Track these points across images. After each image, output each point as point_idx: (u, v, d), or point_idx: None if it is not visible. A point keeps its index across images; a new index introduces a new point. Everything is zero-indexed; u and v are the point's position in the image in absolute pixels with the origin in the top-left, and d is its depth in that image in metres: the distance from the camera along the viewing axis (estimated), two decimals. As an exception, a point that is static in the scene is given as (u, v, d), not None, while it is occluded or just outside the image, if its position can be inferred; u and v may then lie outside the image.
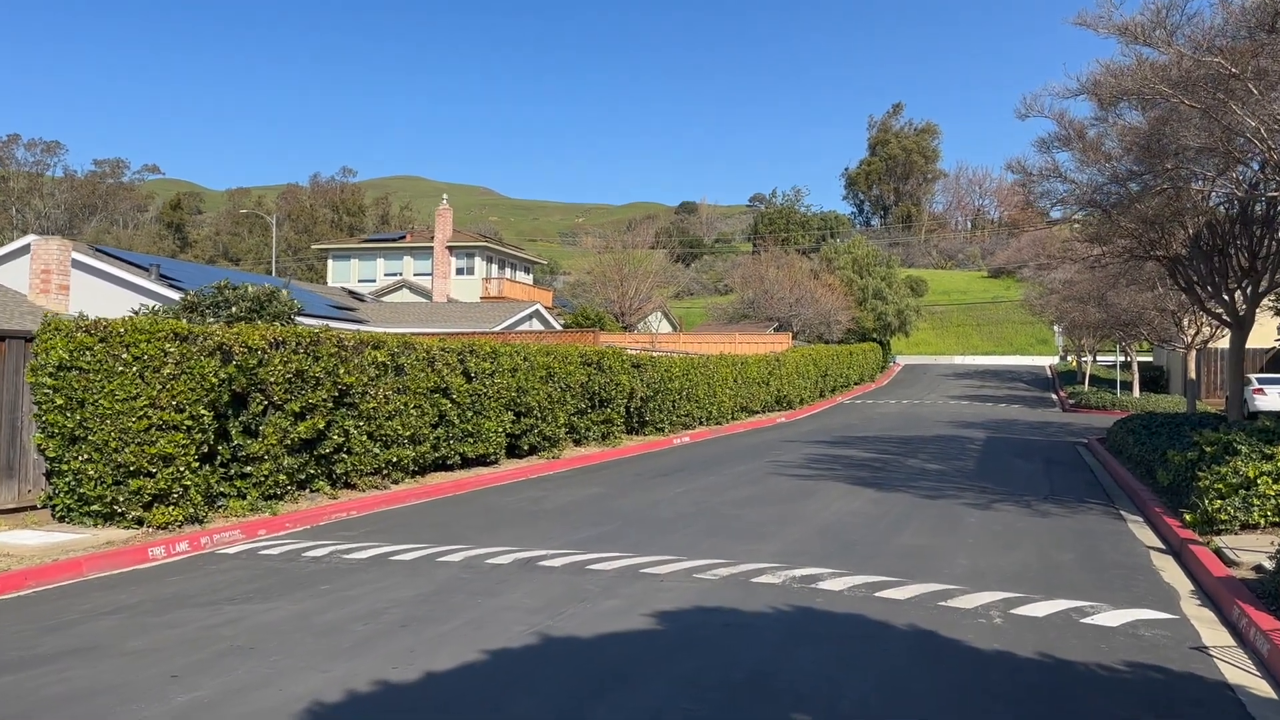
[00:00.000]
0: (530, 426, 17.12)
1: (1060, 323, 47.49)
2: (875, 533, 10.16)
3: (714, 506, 11.97)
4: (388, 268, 54.71)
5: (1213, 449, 11.30)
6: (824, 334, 55.40)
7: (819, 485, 14.23)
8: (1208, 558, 8.75)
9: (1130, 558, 9.21)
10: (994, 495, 13.44)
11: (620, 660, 5.63)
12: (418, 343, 14.22)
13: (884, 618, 6.69)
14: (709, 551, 8.93)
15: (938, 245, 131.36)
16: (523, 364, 16.82)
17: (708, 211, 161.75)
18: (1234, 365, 15.20)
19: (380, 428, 13.07)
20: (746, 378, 30.75)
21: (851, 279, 61.61)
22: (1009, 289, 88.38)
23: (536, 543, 9.40)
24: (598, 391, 19.76)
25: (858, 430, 26.82)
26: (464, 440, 15.18)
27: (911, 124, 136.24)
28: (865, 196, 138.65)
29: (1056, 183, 15.54)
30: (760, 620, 6.55)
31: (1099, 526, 11.01)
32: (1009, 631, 6.43)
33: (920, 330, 78.71)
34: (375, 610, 6.80)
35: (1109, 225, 15.04)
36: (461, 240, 53.56)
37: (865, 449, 20.68)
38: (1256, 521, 9.64)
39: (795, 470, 16.31)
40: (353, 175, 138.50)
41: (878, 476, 15.46)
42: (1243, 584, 7.69)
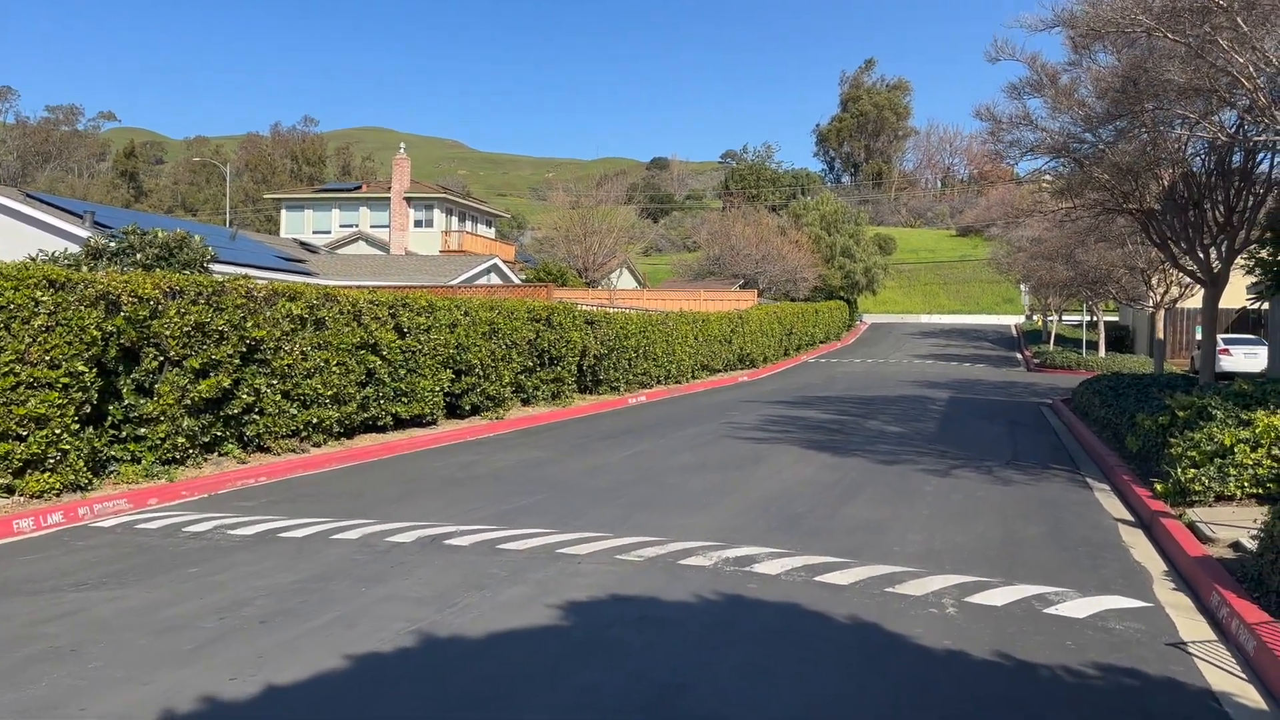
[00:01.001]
0: (472, 386, 16.16)
1: (1027, 282, 47.02)
2: (824, 503, 9.37)
3: (656, 473, 11.13)
4: (343, 219, 53.07)
5: (1185, 413, 10.59)
6: (790, 292, 54.63)
7: (772, 449, 13.44)
8: (1181, 533, 8.04)
9: (1098, 532, 8.48)
10: (954, 460, 12.72)
11: (505, 670, 4.77)
12: (341, 294, 13.16)
13: (823, 608, 5.88)
14: (640, 527, 8.08)
15: (907, 204, 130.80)
16: (463, 319, 15.81)
17: (679, 168, 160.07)
18: (1207, 324, 14.53)
19: (297, 386, 12.06)
20: (708, 335, 29.90)
21: (819, 236, 60.76)
22: (976, 248, 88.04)
23: (452, 516, 8.50)
24: (547, 349, 18.80)
25: (819, 390, 26.11)
26: (396, 400, 14.20)
27: (884, 80, 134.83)
28: (836, 154, 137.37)
29: (1026, 131, 14.67)
30: (682, 613, 5.71)
31: (1064, 496, 10.30)
32: (963, 625, 5.64)
33: (888, 289, 78.29)
34: (239, 601, 5.88)
35: (1081, 176, 14.23)
36: (420, 191, 51.98)
37: (825, 410, 19.95)
38: (1232, 493, 8.94)
39: (749, 433, 15.52)
40: (315, 125, 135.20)
41: (834, 440, 14.70)
42: (1220, 565, 6.96)
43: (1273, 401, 9.81)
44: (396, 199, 50.35)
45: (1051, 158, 14.75)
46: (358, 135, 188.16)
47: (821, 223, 62.17)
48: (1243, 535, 7.80)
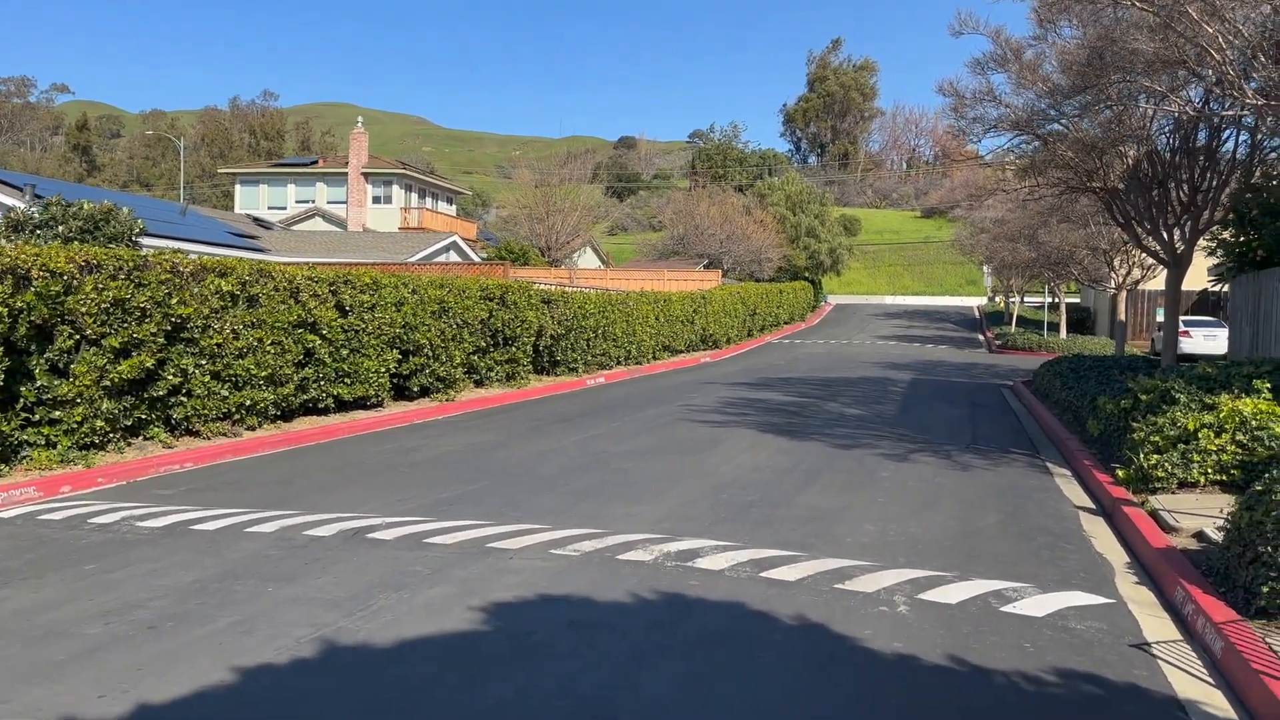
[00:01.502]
0: (421, 366, 15.60)
1: (990, 263, 47.07)
2: (778, 490, 8.98)
3: (606, 458, 10.69)
4: (299, 194, 51.88)
5: (1148, 397, 10.32)
6: (755, 272, 54.35)
7: (728, 433, 13.05)
8: (1144, 522, 7.74)
9: (1058, 521, 8.17)
10: (913, 444, 12.41)
11: (409, 684, 4.31)
12: (278, 270, 12.54)
13: (768, 607, 5.48)
14: (582, 517, 7.64)
15: (873, 185, 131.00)
16: (410, 297, 15.23)
17: (646, 147, 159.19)
18: (1170, 306, 14.32)
19: (228, 367, 11.46)
20: (670, 316, 29.47)
21: (785, 216, 60.50)
22: (940, 229, 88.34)
23: (383, 506, 8.01)
24: (501, 329, 18.26)
25: (781, 371, 25.81)
26: (338, 381, 13.63)
27: (850, 60, 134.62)
28: (803, 134, 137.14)
29: (990, 107, 14.32)
30: (615, 616, 5.28)
31: (1024, 482, 10.00)
32: (915, 625, 5.27)
33: (852, 270, 78.35)
34: (131, 603, 5.37)
35: (1044, 154, 13.93)
36: (379, 167, 50.91)
37: (785, 392, 19.62)
38: (1195, 479, 8.67)
39: (706, 416, 15.13)
40: (274, 99, 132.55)
41: (792, 423, 14.34)
42: (1184, 556, 6.66)
43: (1236, 385, 9.56)
44: (354, 174, 49.29)
45: (1015, 134, 14.42)
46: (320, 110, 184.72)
47: (787, 203, 61.91)
48: (1207, 525, 7.52)
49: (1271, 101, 8.37)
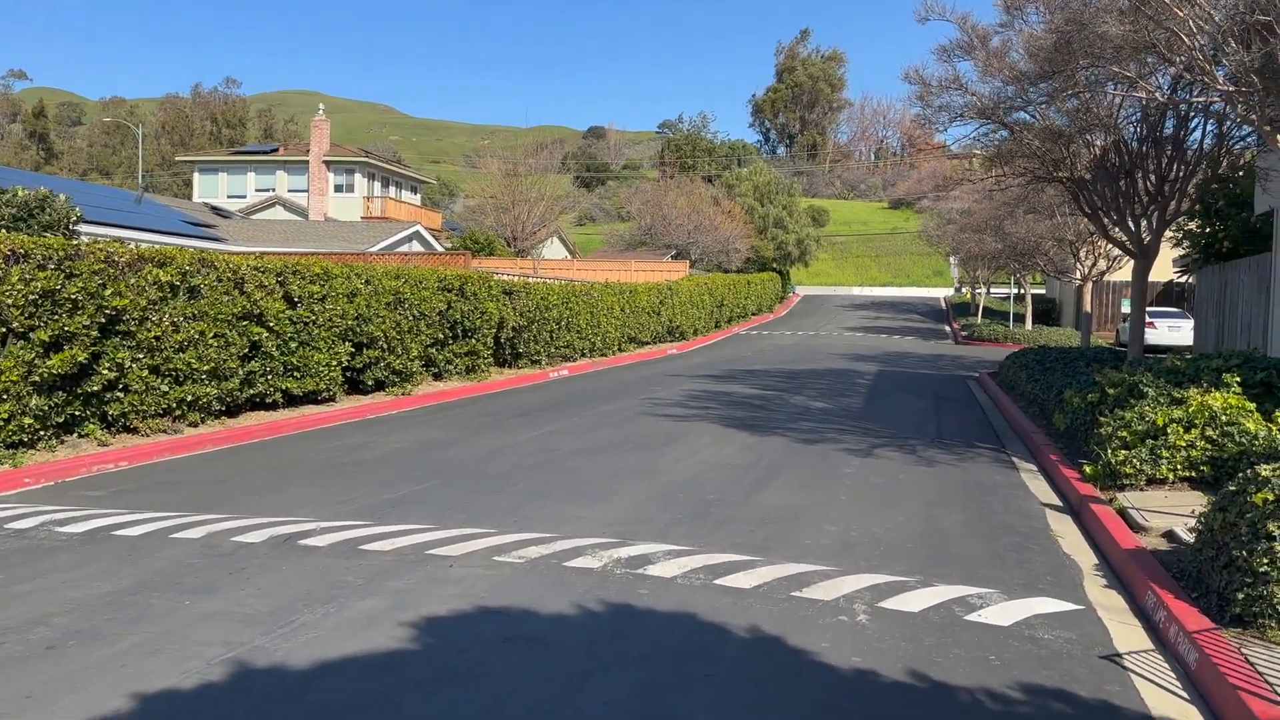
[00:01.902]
0: (375, 359, 15.14)
1: (956, 254, 47.16)
2: (738, 489, 8.68)
3: (562, 455, 10.34)
4: (259, 183, 50.92)
5: (1115, 391, 10.14)
6: (723, 263, 54.14)
7: (690, 428, 12.74)
8: (1112, 521, 7.52)
9: (1024, 519, 7.94)
10: (878, 438, 12.17)
11: (324, 710, 3.94)
12: (221, 260, 12.04)
13: (721, 618, 5.16)
14: (531, 520, 7.28)
15: (841, 176, 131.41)
16: (364, 288, 14.76)
17: (616, 137, 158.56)
18: (1137, 297, 14.19)
19: (168, 361, 10.96)
20: (635, 307, 29.14)
21: (752, 206, 60.32)
22: (908, 220, 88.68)
23: (322, 508, 7.60)
24: (460, 320, 17.82)
25: (748, 363, 25.57)
26: (287, 375, 13.15)
27: (819, 51, 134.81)
28: (771, 125, 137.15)
29: (956, 94, 14.08)
30: (557, 630, 4.94)
31: (989, 478, 9.78)
32: (875, 636, 4.98)
33: (820, 261, 78.42)
34: (35, 618, 4.95)
35: (1011, 143, 13.73)
36: (341, 155, 50.05)
37: (751, 385, 19.35)
38: (1164, 476, 8.48)
39: (669, 409, 14.81)
40: (237, 87, 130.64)
41: (756, 417, 14.07)
42: (1155, 558, 6.44)
43: (1206, 379, 9.39)
44: (315, 162, 48.40)
45: (981, 123, 14.20)
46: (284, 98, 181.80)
47: (755, 193, 61.72)
48: (1178, 524, 7.31)
49: (1241, 88, 8.16)
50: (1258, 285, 15.48)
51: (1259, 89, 8.19)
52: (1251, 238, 16.64)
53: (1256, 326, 15.54)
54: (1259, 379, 9.20)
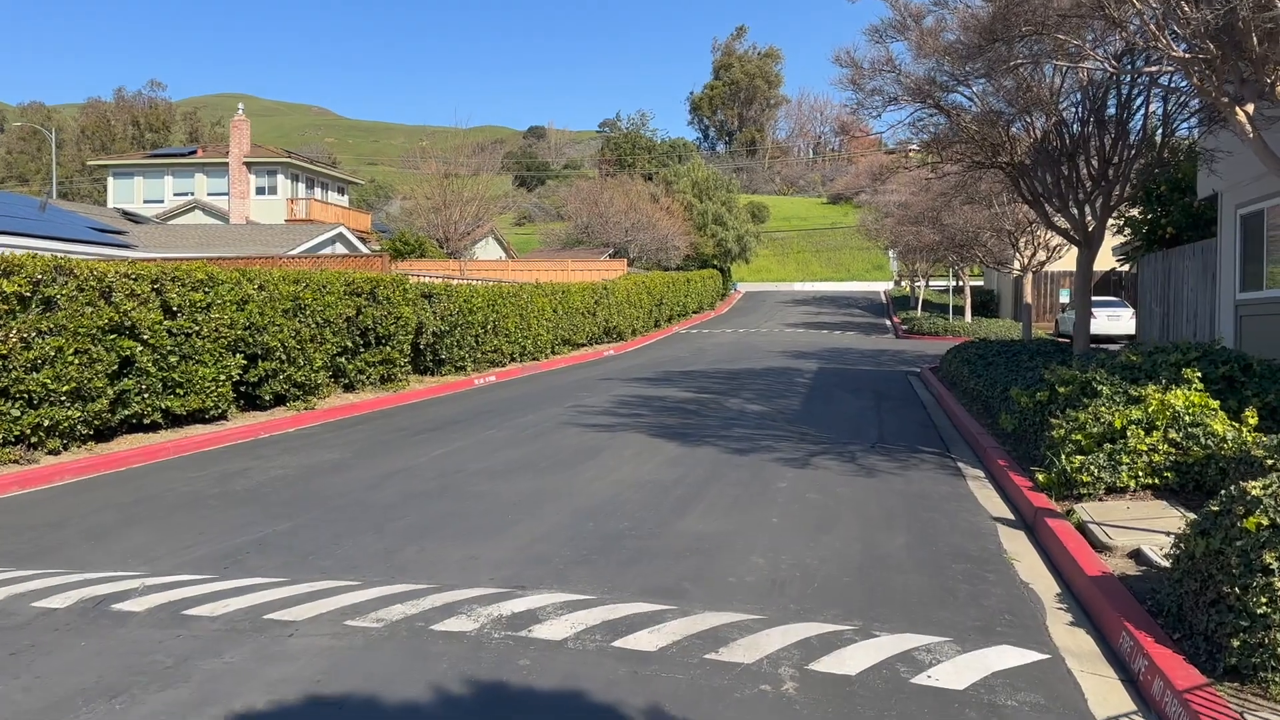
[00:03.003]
0: (273, 372, 13.87)
1: (895, 247, 46.86)
2: (658, 513, 7.69)
3: (464, 478, 9.25)
4: (178, 186, 48.79)
5: (1066, 389, 9.36)
6: (662, 260, 53.28)
7: (614, 439, 11.74)
8: (1071, 539, 6.69)
9: (975, 539, 7.07)
10: (815, 445, 11.30)
11: None
12: (83, 267, 10.72)
13: (615, 696, 4.16)
14: (407, 565, 6.21)
15: (780, 172, 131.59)
16: (257, 294, 13.50)
17: (556, 137, 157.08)
18: (1081, 287, 13.51)
19: (19, 382, 9.66)
20: (569, 308, 28.05)
21: (691, 203, 59.56)
22: (847, 215, 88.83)
23: (161, 557, 6.44)
24: (371, 327, 16.59)
25: (685, 364, 24.66)
26: (168, 393, 11.87)
27: (755, 48, 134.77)
28: (710, 122, 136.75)
29: (889, 77, 13.28)
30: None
31: (935, 488, 8.93)
32: (805, 712, 4.02)
33: (761, 257, 78.05)
34: None
35: (948, 127, 12.98)
36: (262, 156, 48.16)
37: (686, 387, 18.42)
38: (1125, 484, 7.68)
39: (595, 418, 13.79)
40: (162, 89, 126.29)
41: (687, 424, 13.12)
42: (1124, 587, 5.59)
43: (1164, 374, 8.63)
44: (235, 164, 46.47)
45: (916, 106, 13.41)
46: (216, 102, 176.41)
47: (694, 189, 60.97)
48: (1144, 542, 6.50)
49: (1199, 55, 7.38)
50: (1203, 272, 14.97)
51: (1215, 55, 7.42)
52: (1194, 223, 16.17)
53: (1203, 315, 15.02)
54: (1221, 373, 8.47)
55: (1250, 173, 12.42)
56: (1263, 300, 12.74)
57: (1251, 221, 13.01)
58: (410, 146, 47.59)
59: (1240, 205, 13.30)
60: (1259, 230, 12.75)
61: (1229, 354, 8.80)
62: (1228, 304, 13.83)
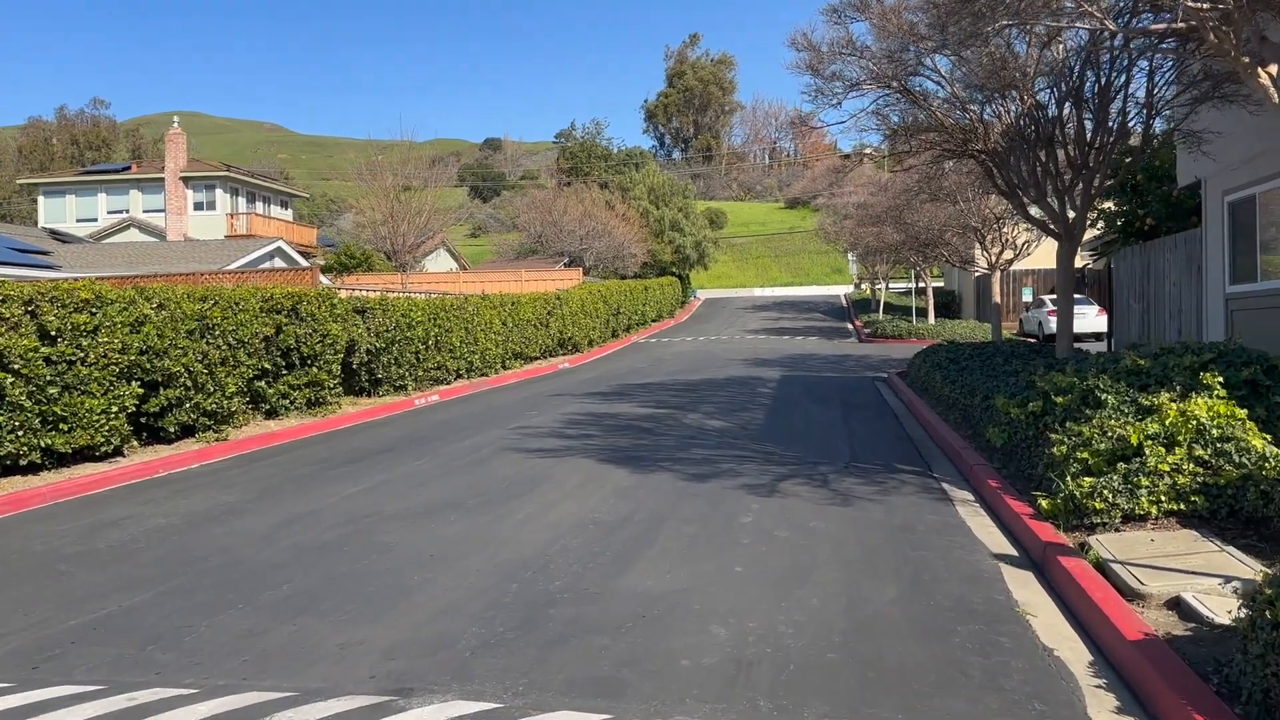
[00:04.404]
0: (177, 400, 12.42)
1: (855, 249, 46.08)
2: (598, 565, 6.43)
3: (375, 524, 7.91)
4: (112, 204, 46.73)
5: (1065, 399, 8.24)
6: (619, 269, 52.08)
7: (557, 467, 10.46)
8: (1093, 584, 5.53)
9: (977, 586, 5.89)
10: (783, 467, 10.11)
11: None
12: (-71, 289, 9.26)
13: None
14: (270, 656, 4.88)
15: (737, 178, 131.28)
16: (155, 314, 12.06)
17: (513, 148, 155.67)
18: (1064, 283, 12.47)
19: None
20: (519, 319, 26.72)
21: (648, 210, 58.47)
22: (805, 219, 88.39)
23: (-36, 650, 5.05)
24: (295, 346, 15.16)
25: (643, 376, 23.44)
26: (49, 429, 10.40)
27: (709, 55, 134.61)
28: (665, 129, 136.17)
29: (850, 60, 12.18)
30: None
31: (921, 517, 7.76)
32: None
33: (720, 263, 77.22)
34: None
35: (916, 110, 11.91)
36: (200, 170, 46.29)
37: (642, 402, 17.19)
38: (1145, 511, 6.55)
39: (540, 441, 12.51)
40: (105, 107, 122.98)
41: (640, 446, 11.87)
42: (1177, 654, 4.43)
43: (1178, 379, 7.54)
44: (171, 179, 44.57)
45: (880, 92, 12.31)
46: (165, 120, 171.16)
47: (650, 196, 59.89)
48: (1184, 587, 5.35)
49: (1216, 4, 6.30)
50: (1187, 264, 14.04)
51: (1234, 7, 6.34)
52: (1174, 214, 15.28)
53: (1189, 310, 14.09)
54: (1244, 377, 7.39)
55: (1242, 155, 11.47)
56: (1258, 293, 11.79)
57: (1242, 208, 12.07)
58: (364, 161, 45.92)
59: (1228, 191, 12.36)
60: (1251, 217, 11.80)
61: (1249, 354, 7.73)
62: (1216, 298, 12.88)
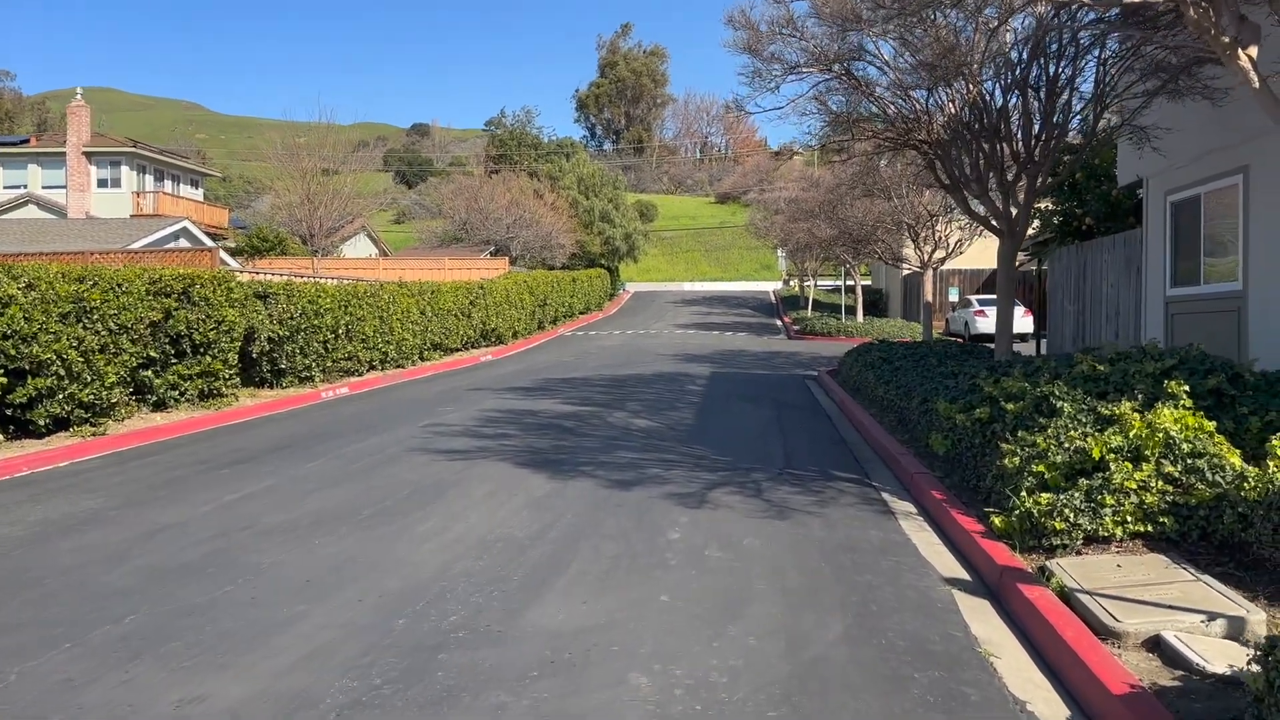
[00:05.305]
0: (48, 391, 11.17)
1: (785, 245, 45.83)
2: (504, 594, 5.59)
3: (250, 540, 6.94)
4: (8, 179, 44.07)
5: (1016, 406, 7.67)
6: (547, 259, 51.04)
7: (468, 471, 9.57)
8: (1061, 618, 4.90)
9: (933, 621, 5.22)
10: (713, 473, 9.39)
11: None
12: None
13: None
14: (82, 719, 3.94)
15: (668, 171, 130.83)
16: (22, 295, 10.81)
17: (441, 134, 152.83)
18: (1005, 283, 12.01)
19: None
20: (439, 309, 25.59)
21: (577, 200, 57.47)
22: (735, 214, 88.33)
23: None
24: (186, 333, 13.94)
25: (568, 370, 22.58)
26: (-118, 423, 9.13)
27: (641, 46, 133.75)
28: (596, 120, 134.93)
29: (791, 40, 11.49)
30: None
31: (863, 534, 7.09)
32: None
33: (651, 256, 76.63)
34: None
35: (859, 94, 11.30)
36: (105, 145, 43.90)
37: (565, 398, 16.35)
38: (1110, 532, 5.97)
39: (452, 441, 11.58)
40: (9, 79, 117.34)
41: (562, 447, 11.04)
42: (1169, 710, 3.81)
43: (1140, 387, 7.00)
44: (74, 154, 42.14)
45: (821, 77, 11.67)
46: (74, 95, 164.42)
47: (579, 186, 58.90)
48: (1163, 623, 4.75)
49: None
50: (1126, 266, 13.74)
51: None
52: (1113, 213, 15.02)
53: (1126, 313, 13.80)
54: (1209, 386, 6.89)
55: (1189, 153, 11.11)
56: (1199, 297, 11.47)
57: (1185, 209, 11.74)
58: (287, 143, 43.99)
59: (1171, 191, 12.03)
60: (1195, 219, 11.47)
61: (1212, 361, 7.24)
62: (1156, 301, 12.57)
